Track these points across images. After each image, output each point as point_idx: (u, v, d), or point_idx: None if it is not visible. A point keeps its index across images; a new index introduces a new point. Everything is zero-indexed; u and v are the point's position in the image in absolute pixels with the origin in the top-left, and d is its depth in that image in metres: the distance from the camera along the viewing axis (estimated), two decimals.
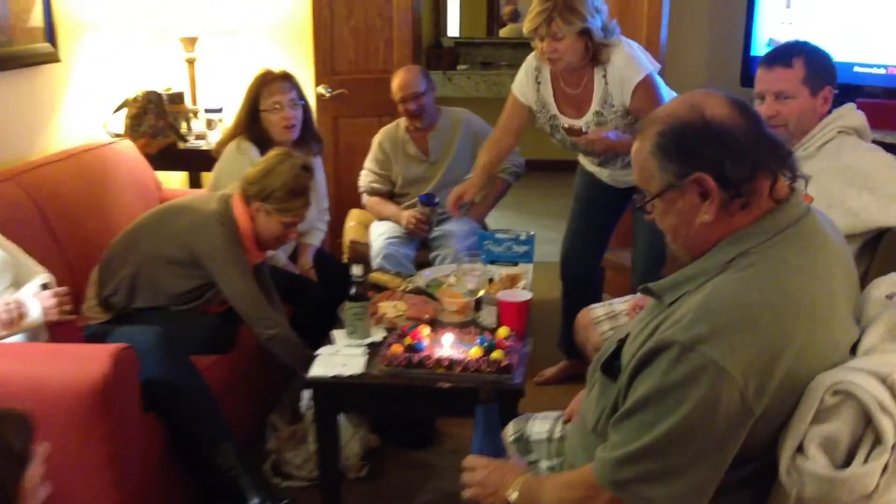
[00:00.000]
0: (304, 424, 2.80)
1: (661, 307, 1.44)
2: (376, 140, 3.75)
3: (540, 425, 1.91)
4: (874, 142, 2.29)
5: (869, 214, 2.11)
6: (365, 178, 3.77)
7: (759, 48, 3.73)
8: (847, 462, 1.23)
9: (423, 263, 3.55)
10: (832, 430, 1.23)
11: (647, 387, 1.33)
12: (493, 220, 3.95)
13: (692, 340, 1.28)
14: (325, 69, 4.20)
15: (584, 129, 2.95)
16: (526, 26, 2.83)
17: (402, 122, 3.71)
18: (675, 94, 2.93)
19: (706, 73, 4.38)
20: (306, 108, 3.30)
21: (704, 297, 1.33)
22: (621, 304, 2.59)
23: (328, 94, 4.18)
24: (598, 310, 2.59)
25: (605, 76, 2.87)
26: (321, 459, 2.43)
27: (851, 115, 2.24)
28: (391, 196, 3.77)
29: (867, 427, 1.23)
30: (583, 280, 3.34)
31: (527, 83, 3.05)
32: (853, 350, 1.38)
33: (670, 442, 1.29)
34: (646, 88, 2.83)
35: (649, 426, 1.31)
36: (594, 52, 2.83)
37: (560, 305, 3.42)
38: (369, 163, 3.77)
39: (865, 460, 1.21)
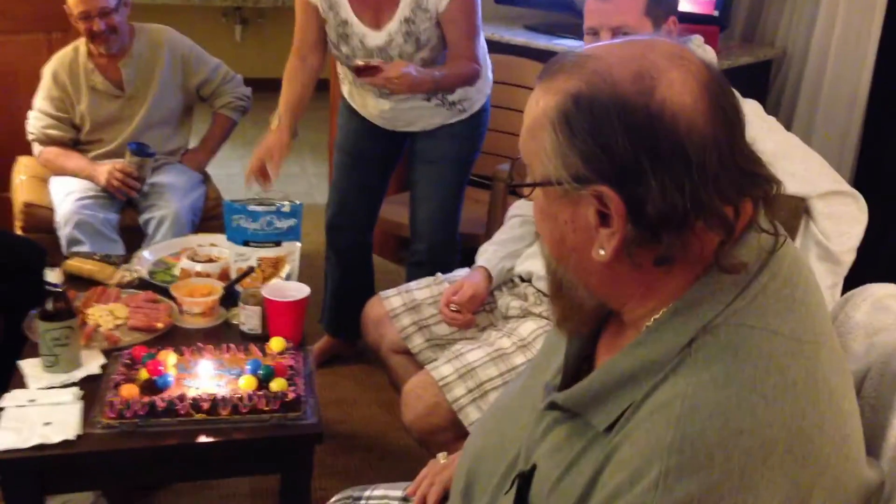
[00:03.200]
0: None
1: (591, 431, 0.90)
2: (48, 71, 2.79)
3: None
4: None
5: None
6: (36, 123, 2.81)
7: None
8: None
9: (130, 231, 2.73)
10: None
11: None
12: (217, 163, 3.17)
13: None
14: None
15: (383, 49, 2.28)
16: None
17: (82, 44, 2.77)
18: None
19: None
20: None
21: (674, 424, 0.80)
22: (420, 290, 2.04)
23: None
24: (393, 299, 2.02)
25: None
26: None
27: (703, 50, 1.84)
28: (76, 144, 2.85)
29: None
30: (354, 248, 2.69)
31: None
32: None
33: None
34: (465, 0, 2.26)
35: None
36: None
37: (323, 270, 2.79)
38: (41, 102, 2.80)
39: None
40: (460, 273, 2.06)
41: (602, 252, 0.86)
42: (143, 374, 1.66)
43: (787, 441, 0.79)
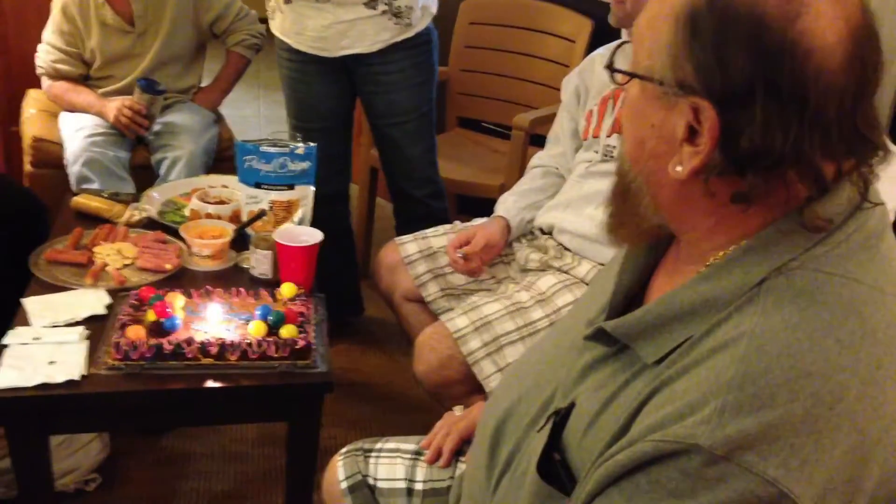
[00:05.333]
0: None
1: (637, 364, 0.85)
2: (57, 4, 2.71)
3: (388, 469, 1.29)
4: None
5: None
6: (45, 57, 2.74)
7: None
8: None
9: (141, 169, 2.68)
10: None
11: None
12: (230, 104, 3.09)
13: (728, 446, 0.71)
14: None
15: None
16: None
17: None
18: None
19: None
20: None
21: (737, 362, 0.74)
22: (436, 237, 1.98)
23: None
24: (409, 245, 1.96)
25: None
26: (22, 490, 1.62)
27: None
28: (85, 79, 2.78)
29: None
30: (332, 220, 2.42)
31: None
32: None
33: None
34: None
35: None
36: None
37: None
38: (50, 35, 2.73)
39: None
40: (479, 221, 2.00)
41: (679, 169, 0.80)
42: (151, 315, 1.61)
43: (860, 389, 0.73)
